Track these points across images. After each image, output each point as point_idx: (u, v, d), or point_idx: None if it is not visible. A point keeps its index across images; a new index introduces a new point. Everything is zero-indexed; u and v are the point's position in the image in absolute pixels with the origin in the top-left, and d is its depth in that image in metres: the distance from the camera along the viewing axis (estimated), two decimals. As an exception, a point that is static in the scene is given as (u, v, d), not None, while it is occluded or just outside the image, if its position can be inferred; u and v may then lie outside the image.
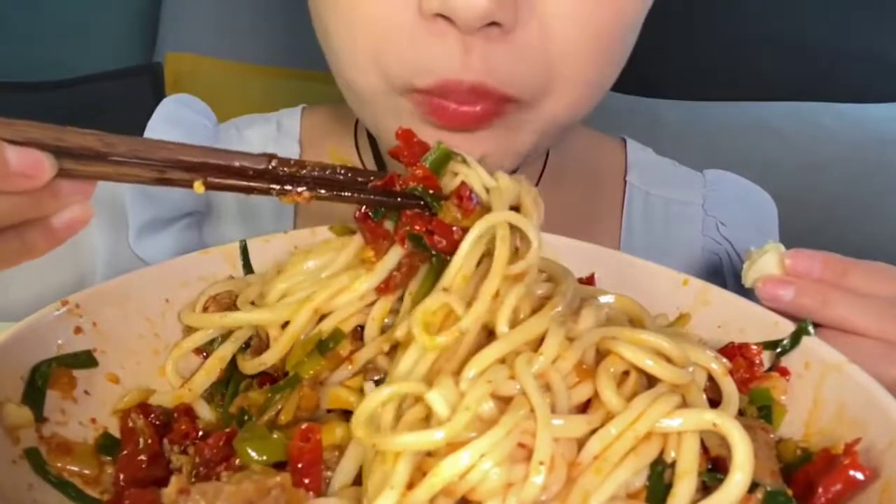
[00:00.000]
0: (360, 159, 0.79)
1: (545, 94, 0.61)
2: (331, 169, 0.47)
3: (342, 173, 0.48)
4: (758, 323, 0.52)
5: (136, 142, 0.42)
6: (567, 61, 0.60)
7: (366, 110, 0.66)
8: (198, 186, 0.43)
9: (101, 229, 0.76)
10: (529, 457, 0.38)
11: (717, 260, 0.86)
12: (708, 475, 0.40)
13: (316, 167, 0.47)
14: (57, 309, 0.47)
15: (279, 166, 0.45)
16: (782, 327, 0.51)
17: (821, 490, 0.41)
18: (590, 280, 0.57)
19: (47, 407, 0.45)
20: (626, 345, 0.43)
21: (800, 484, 0.42)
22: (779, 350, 0.50)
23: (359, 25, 0.60)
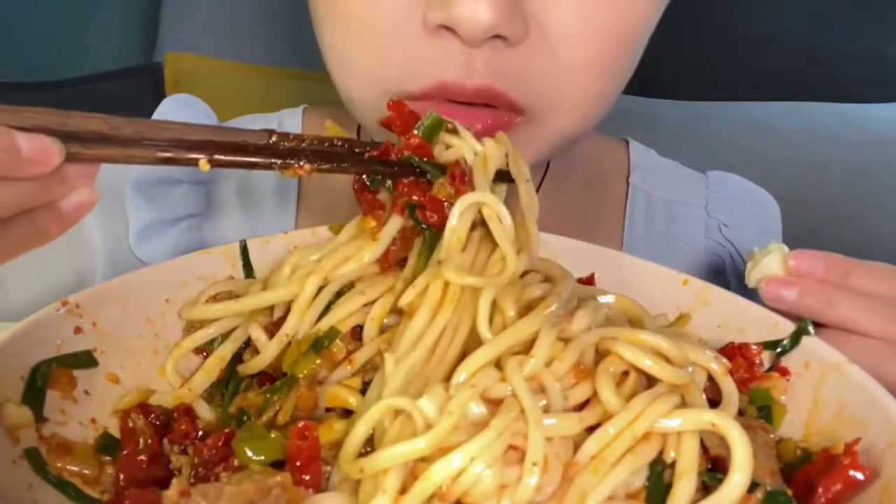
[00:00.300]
0: None
1: (552, 108, 0.60)
2: (328, 141, 0.50)
3: (340, 145, 0.50)
4: (758, 323, 0.52)
5: (140, 123, 0.43)
6: (575, 75, 0.59)
7: (367, 115, 0.66)
8: (203, 164, 0.44)
9: (101, 229, 0.76)
10: (523, 458, 0.38)
11: (720, 261, 0.85)
12: (708, 475, 0.40)
13: (315, 140, 0.49)
14: (57, 309, 0.47)
15: (280, 141, 0.47)
16: (782, 327, 0.51)
17: (821, 490, 0.41)
18: (589, 280, 0.57)
19: (47, 407, 0.45)
20: (625, 345, 0.43)
21: (800, 484, 0.42)
22: (779, 350, 0.50)
23: (358, 35, 0.60)
